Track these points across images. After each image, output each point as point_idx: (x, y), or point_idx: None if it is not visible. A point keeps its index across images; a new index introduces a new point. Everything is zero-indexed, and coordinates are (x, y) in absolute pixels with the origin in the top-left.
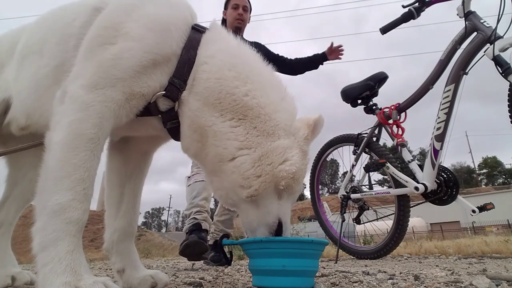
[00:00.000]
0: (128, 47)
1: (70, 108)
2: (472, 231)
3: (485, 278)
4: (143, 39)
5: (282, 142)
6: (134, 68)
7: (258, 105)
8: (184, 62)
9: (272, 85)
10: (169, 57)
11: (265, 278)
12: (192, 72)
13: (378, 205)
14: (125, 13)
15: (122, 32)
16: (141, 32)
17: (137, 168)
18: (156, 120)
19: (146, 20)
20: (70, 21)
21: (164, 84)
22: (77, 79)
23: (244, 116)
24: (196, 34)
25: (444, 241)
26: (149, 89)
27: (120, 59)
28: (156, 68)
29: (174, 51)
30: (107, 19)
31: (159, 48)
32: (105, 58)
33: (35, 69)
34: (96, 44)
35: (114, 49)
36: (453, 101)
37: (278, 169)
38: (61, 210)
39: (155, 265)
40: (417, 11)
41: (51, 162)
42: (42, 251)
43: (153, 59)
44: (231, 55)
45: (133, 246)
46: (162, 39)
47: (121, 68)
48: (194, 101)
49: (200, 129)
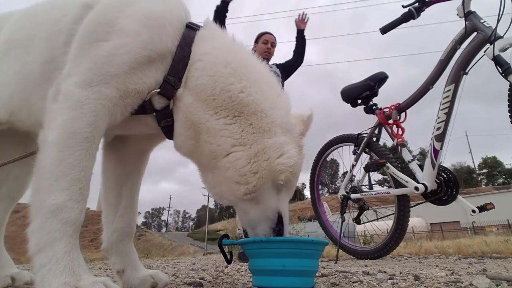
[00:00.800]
0: (123, 43)
1: (64, 106)
2: (472, 231)
3: (485, 278)
4: (138, 35)
5: (279, 138)
6: (128, 64)
7: (254, 102)
8: (179, 60)
9: (267, 82)
10: (164, 54)
11: (265, 278)
12: (187, 70)
13: (378, 205)
14: (119, 9)
15: (116, 28)
16: (135, 28)
17: (134, 167)
18: (150, 118)
19: (141, 16)
20: (60, 17)
21: (159, 81)
22: (71, 77)
23: (240, 113)
24: (190, 32)
25: (444, 241)
26: (144, 86)
27: (114, 56)
28: (151, 65)
29: (169, 49)
30: (101, 14)
31: (154, 44)
32: (99, 54)
33: (22, 64)
34: (89, 41)
35: (108, 46)
36: (453, 101)
37: (276, 163)
38: (57, 211)
39: (155, 265)
40: (417, 11)
41: (45, 161)
42: (39, 252)
43: (148, 55)
44: (226, 52)
45: (132, 246)
46: (157, 36)
47: (115, 64)
48: (187, 97)
49: (194, 126)
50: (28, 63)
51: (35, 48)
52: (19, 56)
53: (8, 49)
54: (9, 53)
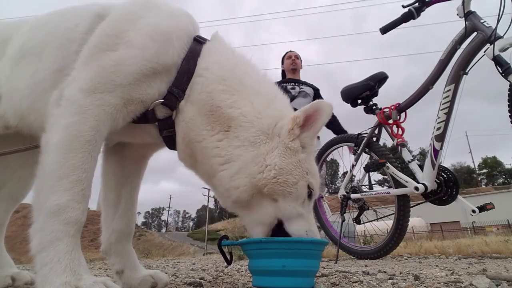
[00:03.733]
0: (130, 55)
1: (67, 110)
2: (472, 231)
3: (485, 278)
4: (145, 48)
5: (262, 148)
6: (134, 75)
7: (241, 114)
8: (183, 72)
9: (258, 93)
10: (169, 67)
11: (265, 278)
12: (191, 82)
13: (378, 205)
14: (129, 22)
15: (124, 40)
16: (143, 41)
17: (133, 171)
18: (153, 127)
19: (149, 29)
20: (73, 26)
21: (163, 92)
22: (76, 82)
23: (228, 127)
24: (197, 45)
25: (444, 241)
26: (148, 96)
27: (121, 66)
28: (156, 77)
29: (174, 62)
30: (111, 26)
31: (159, 57)
32: (106, 63)
33: (33, 72)
34: (98, 50)
35: (115, 56)
36: (453, 101)
37: (257, 179)
38: (59, 211)
39: (155, 265)
40: (417, 11)
41: (48, 163)
42: (41, 251)
43: (153, 68)
44: (223, 68)
45: (131, 247)
46: (163, 49)
47: (121, 74)
48: (189, 111)
49: (191, 144)
50: (40, 71)
51: (47, 56)
52: (32, 64)
53: (21, 57)
54: (22, 61)
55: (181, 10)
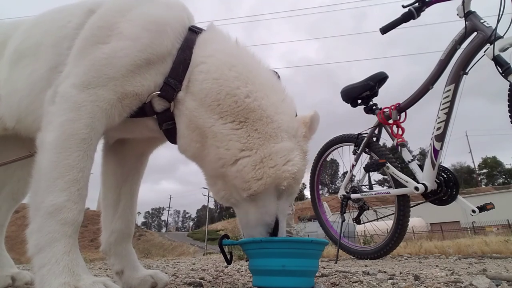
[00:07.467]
0: (122, 46)
1: (61, 108)
2: (472, 231)
3: (485, 278)
4: (138, 38)
5: (286, 144)
6: (127, 67)
7: (260, 108)
8: (179, 62)
9: (272, 87)
10: (164, 57)
11: (265, 278)
12: (188, 73)
13: (378, 205)
14: (121, 13)
15: (116, 32)
16: (136, 32)
17: (133, 169)
18: (151, 121)
19: (142, 20)
20: (65, 23)
21: (159, 84)
22: (69, 78)
23: (246, 118)
24: (192, 35)
25: (444, 241)
26: (143, 88)
27: (113, 58)
28: (150, 68)
29: (169, 51)
30: (102, 18)
31: (153, 47)
32: (98, 57)
33: (30, 72)
34: (90, 44)
35: (107, 48)
36: (453, 101)
37: (282, 170)
38: (56, 211)
39: (155, 265)
40: (417, 11)
41: (44, 163)
42: (38, 252)
43: (147, 58)
44: (230, 54)
45: (131, 247)
46: (157, 39)
47: (114, 67)
48: (190, 101)
49: (199, 129)
50: (36, 70)
51: (42, 55)
52: (28, 64)
53: (18, 58)
54: (19, 62)
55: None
